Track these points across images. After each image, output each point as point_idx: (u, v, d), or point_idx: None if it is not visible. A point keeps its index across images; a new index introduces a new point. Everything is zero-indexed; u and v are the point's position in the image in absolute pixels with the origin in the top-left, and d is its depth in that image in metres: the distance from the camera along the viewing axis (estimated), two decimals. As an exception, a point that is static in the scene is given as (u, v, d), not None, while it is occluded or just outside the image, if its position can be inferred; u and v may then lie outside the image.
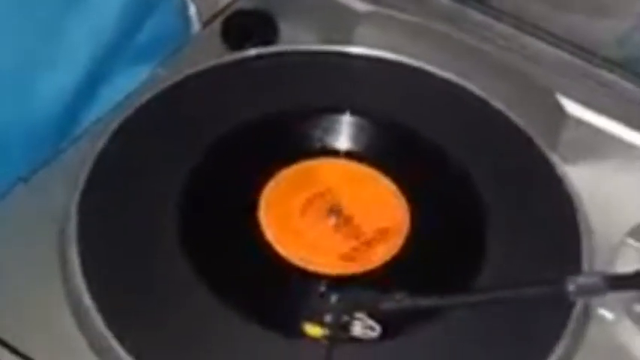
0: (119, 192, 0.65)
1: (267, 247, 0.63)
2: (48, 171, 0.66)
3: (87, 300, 0.58)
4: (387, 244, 0.63)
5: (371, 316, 0.58)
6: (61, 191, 0.64)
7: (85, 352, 0.58)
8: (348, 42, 0.75)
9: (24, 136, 0.64)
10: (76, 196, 0.63)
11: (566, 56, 0.71)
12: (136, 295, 0.60)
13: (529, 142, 0.68)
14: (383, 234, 0.64)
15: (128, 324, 0.58)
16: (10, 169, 0.65)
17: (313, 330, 0.58)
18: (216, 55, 0.73)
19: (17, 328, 0.59)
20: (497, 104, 0.70)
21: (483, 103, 0.70)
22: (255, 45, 0.74)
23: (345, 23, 0.75)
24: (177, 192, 0.64)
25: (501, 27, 0.73)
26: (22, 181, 0.65)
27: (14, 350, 0.58)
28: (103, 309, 0.58)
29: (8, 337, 0.58)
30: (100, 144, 0.66)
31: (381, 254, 0.63)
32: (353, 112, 0.69)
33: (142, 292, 0.60)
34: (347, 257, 0.63)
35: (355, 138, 0.69)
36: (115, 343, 0.57)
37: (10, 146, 0.63)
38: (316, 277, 0.61)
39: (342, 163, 0.68)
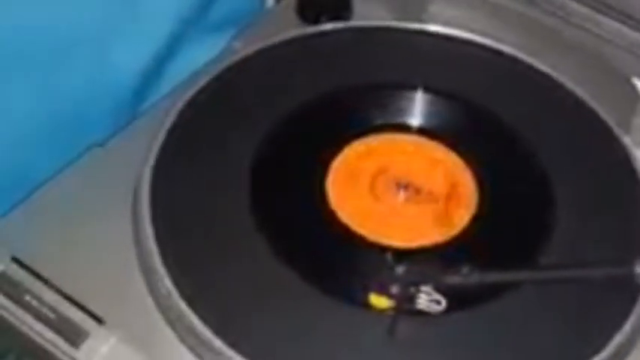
0: (191, 159, 0.66)
1: (334, 217, 0.63)
2: (124, 137, 0.67)
3: (158, 263, 0.59)
4: (455, 219, 0.64)
5: (437, 289, 0.58)
6: (136, 157, 0.65)
7: (155, 314, 0.59)
8: (422, 19, 0.75)
9: (102, 102, 0.65)
10: (150, 162, 0.64)
11: (641, 38, 0.71)
12: (207, 259, 0.61)
13: (601, 123, 0.68)
14: (451, 209, 0.64)
15: (197, 287, 0.59)
16: (87, 134, 0.66)
17: (379, 301, 0.58)
18: (290, 29, 0.73)
19: (89, 288, 0.60)
20: (570, 85, 0.70)
21: (555, 84, 0.70)
22: (329, 20, 0.74)
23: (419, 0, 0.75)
24: (248, 161, 0.65)
25: (577, 7, 0.72)
26: (98, 146, 0.67)
27: (84, 308, 0.59)
28: (173, 272, 0.59)
29: (80, 296, 0.59)
30: (175, 112, 0.67)
31: (449, 228, 0.63)
32: (424, 89, 0.70)
33: (213, 257, 0.61)
34: (415, 230, 0.63)
35: (425, 114, 0.69)
36: (183, 306, 0.58)
37: (88, 112, 0.64)
38: (384, 247, 0.62)
39: (411, 139, 0.68)
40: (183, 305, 0.58)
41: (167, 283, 0.59)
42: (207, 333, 0.57)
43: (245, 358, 0.56)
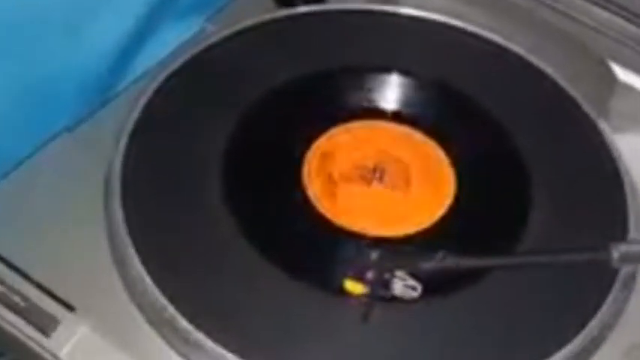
0: (163, 144, 0.65)
1: (309, 204, 0.63)
2: (93, 121, 0.66)
3: (130, 250, 0.59)
4: (433, 205, 0.63)
5: (413, 275, 0.58)
6: (106, 142, 0.64)
7: (126, 302, 0.59)
8: (396, 2, 0.74)
9: (72, 85, 0.63)
10: (121, 147, 0.63)
11: (620, 22, 0.70)
12: (179, 247, 0.60)
13: (577, 108, 0.68)
14: (429, 196, 0.64)
15: (170, 274, 0.58)
16: (56, 118, 0.65)
17: (354, 287, 0.58)
18: (264, 11, 0.73)
19: (60, 276, 0.59)
20: (546, 68, 0.69)
21: (531, 67, 0.70)
22: (304, 3, 0.73)
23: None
24: (220, 147, 0.65)
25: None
26: (67, 130, 0.66)
27: (54, 296, 0.58)
28: (145, 259, 0.58)
29: (50, 284, 0.59)
30: (146, 96, 0.66)
31: (427, 215, 0.63)
32: (399, 72, 0.69)
33: (185, 245, 0.60)
34: (391, 218, 0.63)
35: (402, 99, 0.69)
36: (156, 292, 0.57)
37: (58, 94, 0.63)
38: (358, 235, 0.61)
39: (388, 124, 0.68)
40: (155, 292, 0.57)
41: (139, 270, 0.58)
42: (179, 319, 0.56)
43: (218, 344, 0.56)
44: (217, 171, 0.63)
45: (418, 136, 0.67)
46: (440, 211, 0.63)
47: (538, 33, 0.71)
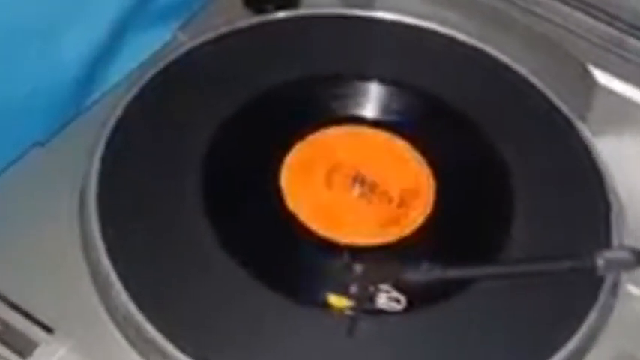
0: (138, 157, 0.64)
1: (289, 216, 0.62)
2: (66, 135, 0.65)
3: (106, 265, 0.58)
4: (413, 214, 0.62)
5: (397, 288, 0.57)
6: (80, 156, 0.63)
7: (106, 321, 0.58)
8: (371, 6, 0.73)
9: (43, 98, 0.62)
10: (96, 161, 0.62)
11: (598, 25, 0.70)
12: (158, 261, 0.59)
13: (558, 112, 0.67)
14: (408, 204, 0.63)
15: (148, 291, 0.57)
16: (28, 132, 0.63)
17: (337, 301, 0.57)
18: (235, 19, 0.71)
19: (36, 296, 0.58)
20: (525, 73, 0.69)
21: (510, 71, 0.69)
22: (276, 9, 0.72)
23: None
24: (197, 158, 0.63)
25: (532, -6, 0.71)
26: (39, 144, 0.64)
27: (32, 317, 0.57)
28: (122, 274, 0.57)
29: (27, 305, 0.57)
30: (120, 108, 0.65)
31: (407, 225, 0.62)
32: (376, 79, 0.68)
33: (165, 258, 0.59)
34: (373, 227, 0.62)
35: (380, 105, 0.68)
36: (132, 307, 0.56)
37: (29, 108, 0.62)
38: (341, 247, 0.60)
39: (365, 130, 0.67)
40: (134, 310, 0.56)
41: (117, 288, 0.57)
42: (159, 339, 0.55)
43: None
44: (195, 183, 0.62)
45: (398, 142, 0.66)
46: (420, 220, 0.62)
47: (517, 37, 0.70)
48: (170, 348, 0.55)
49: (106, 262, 0.58)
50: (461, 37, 0.71)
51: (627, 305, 0.60)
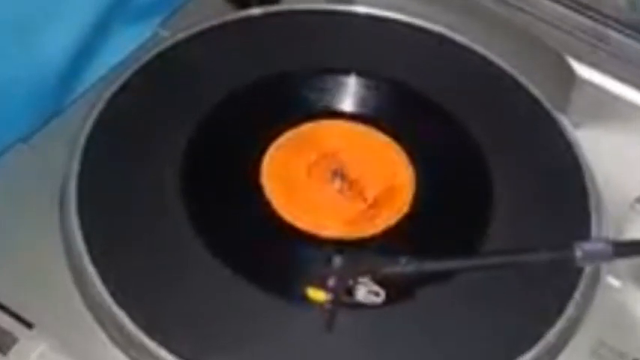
0: (119, 153, 0.64)
1: (269, 210, 0.62)
2: (48, 131, 0.65)
3: (86, 261, 0.58)
4: (392, 208, 0.62)
5: (376, 281, 0.57)
6: (61, 152, 0.63)
7: (86, 317, 0.57)
8: (351, 1, 0.73)
9: (24, 95, 0.63)
10: (77, 157, 0.62)
11: (577, 18, 0.70)
12: (138, 258, 0.59)
13: (537, 104, 0.67)
14: (388, 197, 0.63)
15: (126, 285, 0.57)
16: (9, 129, 0.64)
17: (316, 294, 0.57)
18: (216, 14, 0.72)
19: (17, 292, 0.58)
20: (505, 65, 0.69)
21: (490, 64, 0.69)
22: (258, 4, 0.72)
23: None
24: (178, 154, 0.63)
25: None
26: (21, 141, 0.64)
27: (11, 312, 0.57)
28: (102, 270, 0.57)
29: (7, 300, 0.57)
30: (101, 104, 0.65)
31: (386, 218, 0.62)
32: (356, 73, 0.68)
33: (145, 256, 0.59)
34: (352, 221, 0.62)
35: (359, 99, 0.68)
36: (112, 304, 0.56)
37: (11, 104, 0.62)
38: (320, 241, 0.60)
39: (346, 124, 0.67)
40: (114, 307, 0.56)
41: (97, 283, 0.57)
42: (139, 334, 0.56)
43: (179, 358, 0.55)
44: (175, 178, 0.62)
45: (378, 136, 0.66)
46: (400, 213, 0.62)
47: (496, 30, 0.70)
48: (150, 344, 0.55)
49: (86, 258, 0.58)
50: (439, 30, 0.71)
51: (607, 296, 0.61)
